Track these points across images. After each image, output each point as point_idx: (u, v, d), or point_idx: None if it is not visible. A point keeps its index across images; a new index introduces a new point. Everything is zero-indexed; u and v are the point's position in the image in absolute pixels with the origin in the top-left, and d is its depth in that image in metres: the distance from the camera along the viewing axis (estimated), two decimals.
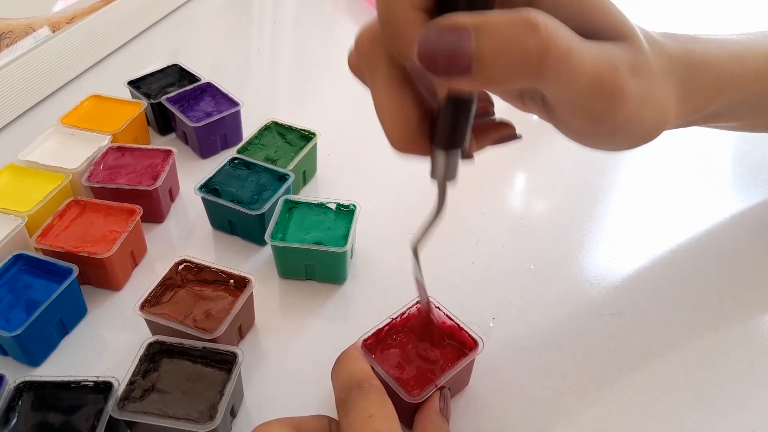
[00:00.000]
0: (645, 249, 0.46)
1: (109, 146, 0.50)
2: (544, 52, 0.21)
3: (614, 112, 0.25)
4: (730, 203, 0.50)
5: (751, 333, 0.40)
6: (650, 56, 0.26)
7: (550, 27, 0.21)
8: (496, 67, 0.21)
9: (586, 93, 0.24)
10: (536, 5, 0.24)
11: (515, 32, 0.21)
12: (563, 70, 0.22)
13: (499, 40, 0.21)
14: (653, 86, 0.27)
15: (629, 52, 0.25)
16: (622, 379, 0.37)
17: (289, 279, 0.44)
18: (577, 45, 0.23)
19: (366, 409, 0.28)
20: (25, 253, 0.41)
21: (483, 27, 0.20)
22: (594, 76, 0.23)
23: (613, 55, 0.24)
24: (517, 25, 0.21)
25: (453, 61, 0.21)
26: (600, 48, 0.24)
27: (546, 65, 0.21)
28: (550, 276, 0.44)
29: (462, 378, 0.36)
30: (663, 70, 0.27)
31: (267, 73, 0.70)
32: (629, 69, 0.25)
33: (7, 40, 0.57)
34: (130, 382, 0.34)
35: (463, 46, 0.20)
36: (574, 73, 0.23)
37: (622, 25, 0.26)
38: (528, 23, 0.21)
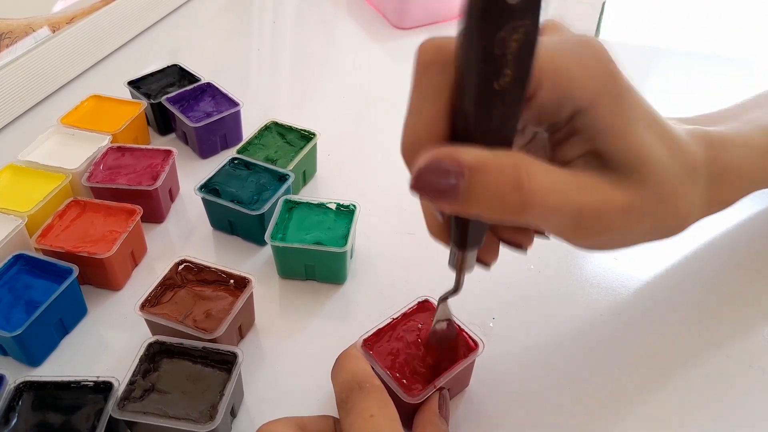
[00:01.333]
0: (645, 249, 0.46)
1: (109, 146, 0.50)
2: (522, 208, 0.23)
3: (596, 241, 0.27)
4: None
5: (751, 333, 0.40)
6: (667, 178, 0.27)
7: (534, 186, 0.23)
8: (480, 206, 0.23)
9: (567, 230, 0.26)
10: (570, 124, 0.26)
11: (501, 188, 0.23)
12: (540, 219, 0.24)
13: (486, 189, 0.22)
14: (665, 210, 0.28)
15: (633, 192, 0.26)
16: (621, 379, 0.37)
17: (289, 279, 0.44)
18: (560, 196, 0.24)
19: (367, 408, 0.28)
20: (25, 253, 0.41)
21: (475, 170, 0.22)
22: (574, 217, 0.25)
23: (604, 198, 0.26)
24: (505, 180, 0.23)
25: (440, 194, 0.23)
26: (593, 190, 0.26)
27: (525, 217, 0.24)
28: (550, 276, 0.44)
29: (462, 379, 0.36)
30: (684, 181, 0.28)
31: (267, 73, 0.70)
32: (622, 210, 0.26)
33: (7, 40, 0.57)
34: (130, 382, 0.34)
35: (452, 185, 0.22)
36: (552, 221, 0.25)
37: (638, 157, 0.26)
38: (515, 179, 0.23)
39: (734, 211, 0.49)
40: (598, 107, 0.26)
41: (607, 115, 0.26)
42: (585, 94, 0.25)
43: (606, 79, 0.26)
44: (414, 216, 0.49)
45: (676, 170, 0.28)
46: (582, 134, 0.26)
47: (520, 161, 0.23)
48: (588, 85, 0.25)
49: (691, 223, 0.30)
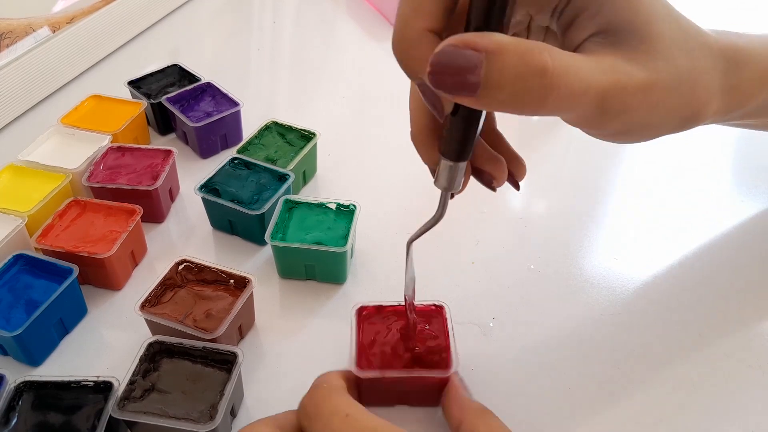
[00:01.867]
0: (645, 249, 0.46)
1: (109, 146, 0.50)
2: (546, 93, 0.22)
3: (620, 124, 0.25)
4: (731, 203, 0.50)
5: (751, 333, 0.40)
6: (677, 57, 0.26)
7: (558, 69, 0.22)
8: (501, 96, 0.22)
9: (592, 114, 0.24)
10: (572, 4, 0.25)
11: (523, 69, 0.21)
12: (564, 105, 0.23)
13: (507, 73, 0.21)
14: (680, 88, 0.26)
15: (644, 62, 0.25)
16: (621, 379, 0.37)
17: (289, 279, 0.44)
18: (582, 78, 0.23)
19: (339, 409, 0.27)
20: (25, 253, 0.41)
21: (495, 53, 0.21)
22: (597, 102, 0.24)
23: (620, 75, 0.24)
24: (526, 62, 0.21)
25: (461, 83, 0.21)
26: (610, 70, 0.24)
27: (548, 104, 0.22)
28: (550, 276, 0.44)
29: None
30: (700, 60, 0.27)
31: (267, 73, 0.70)
32: (640, 86, 0.25)
33: (7, 40, 0.57)
34: (130, 382, 0.34)
35: (472, 70, 0.21)
36: (576, 105, 0.23)
37: (645, 26, 0.25)
38: (536, 65, 0.21)
39: (735, 211, 0.49)
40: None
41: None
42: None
43: None
44: (414, 216, 0.49)
45: (690, 48, 0.26)
46: (586, 11, 0.25)
47: (541, 44, 0.22)
48: None
49: (711, 111, 0.28)
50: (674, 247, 0.46)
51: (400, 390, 0.35)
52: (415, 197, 0.50)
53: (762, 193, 0.51)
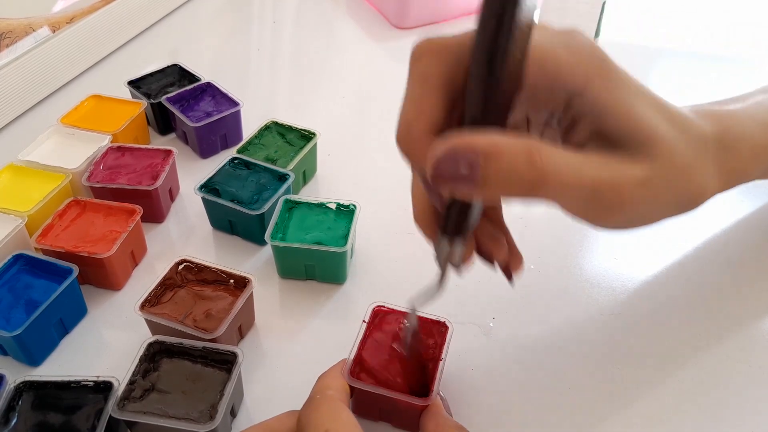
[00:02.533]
0: (645, 249, 0.46)
1: (109, 146, 0.50)
2: (537, 185, 0.24)
3: (614, 217, 0.27)
4: (730, 203, 0.50)
5: (751, 333, 0.40)
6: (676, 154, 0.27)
7: (546, 162, 0.24)
8: (498, 189, 0.24)
9: (585, 205, 0.26)
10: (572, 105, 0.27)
11: (516, 164, 0.23)
12: (557, 196, 0.25)
13: (503, 168, 0.23)
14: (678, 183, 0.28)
15: (642, 167, 0.26)
16: (621, 379, 0.37)
17: (289, 279, 0.44)
18: (574, 172, 0.25)
19: (320, 424, 0.28)
20: (25, 253, 0.41)
21: (492, 153, 0.23)
22: (591, 195, 0.25)
23: (616, 174, 0.26)
24: (519, 157, 0.23)
25: (461, 181, 0.23)
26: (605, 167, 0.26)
27: (539, 194, 0.24)
28: (550, 276, 0.44)
29: None
30: (696, 155, 0.28)
31: (267, 73, 0.70)
32: (637, 184, 0.26)
33: (7, 40, 0.57)
34: (130, 382, 0.34)
35: (470, 170, 0.23)
36: (568, 196, 0.25)
37: (646, 131, 0.27)
38: (528, 158, 0.23)
39: (734, 211, 0.49)
40: (592, 88, 0.26)
41: (603, 95, 0.26)
42: (576, 77, 0.26)
43: (595, 62, 0.26)
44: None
45: (684, 144, 0.28)
46: (585, 118, 0.27)
47: (532, 142, 0.24)
48: (578, 68, 0.26)
49: (709, 196, 0.30)
50: (674, 247, 0.46)
51: (382, 408, 0.35)
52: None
53: (762, 193, 0.51)
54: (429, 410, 0.32)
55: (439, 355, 0.34)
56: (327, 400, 0.30)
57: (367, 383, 0.33)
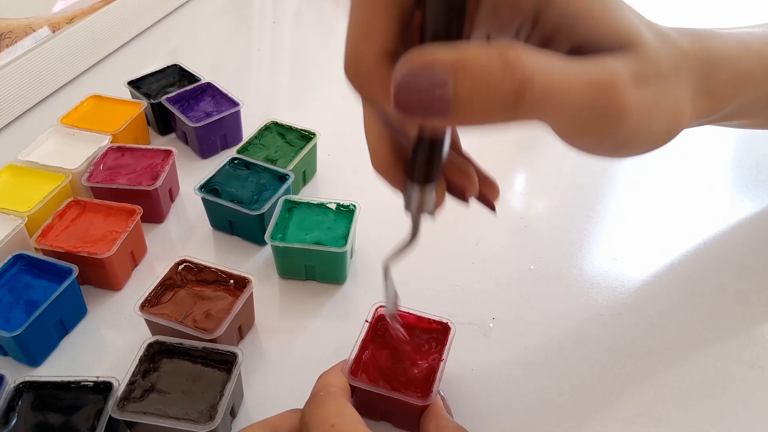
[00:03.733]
0: (645, 249, 0.46)
1: (109, 146, 0.50)
2: (520, 92, 0.20)
3: (616, 130, 0.23)
4: (730, 203, 0.50)
5: (751, 333, 0.40)
6: (661, 59, 0.24)
7: (527, 65, 0.19)
8: (474, 109, 0.20)
9: (581, 117, 0.22)
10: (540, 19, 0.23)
11: (492, 72, 0.19)
12: (546, 105, 0.21)
13: (477, 80, 0.19)
14: (663, 92, 0.24)
15: (633, 61, 0.23)
16: (621, 379, 0.37)
17: (289, 279, 0.44)
18: (562, 73, 0.21)
19: (326, 419, 0.28)
20: (25, 253, 0.41)
21: (460, 66, 0.19)
22: (587, 99, 0.22)
23: (610, 69, 0.22)
24: (493, 64, 0.19)
25: (430, 105, 0.19)
26: (595, 65, 0.22)
27: (524, 105, 0.20)
28: (550, 276, 0.44)
29: None
30: (677, 69, 0.25)
31: (267, 73, 0.70)
32: (632, 80, 0.23)
33: (7, 40, 0.57)
34: (130, 382, 0.34)
35: (440, 89, 0.19)
36: (559, 104, 0.21)
37: (627, 32, 0.23)
38: (503, 63, 0.19)
39: (734, 211, 0.49)
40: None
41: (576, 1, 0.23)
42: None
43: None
44: None
45: (666, 51, 0.25)
46: (558, 31, 0.23)
47: (505, 44, 0.20)
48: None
49: (687, 119, 0.27)
50: (674, 247, 0.46)
51: (383, 407, 0.35)
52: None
53: (762, 193, 0.51)
54: (429, 411, 0.32)
55: (440, 355, 0.34)
56: (331, 396, 0.30)
57: (367, 383, 0.33)
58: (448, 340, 0.35)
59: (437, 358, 0.34)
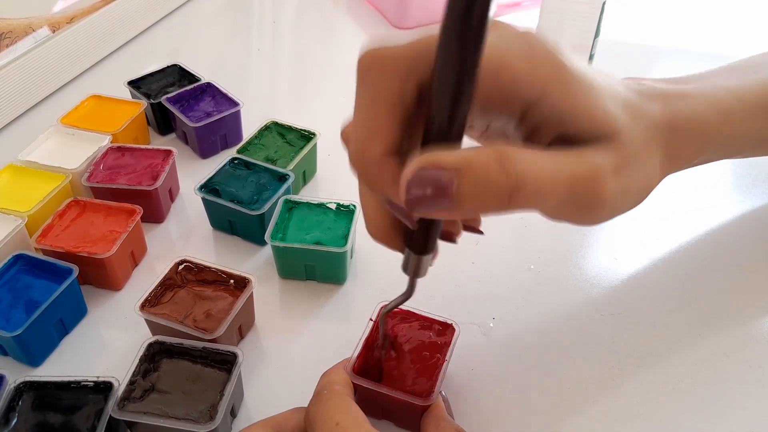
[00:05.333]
0: (645, 249, 0.46)
1: (109, 146, 0.50)
2: (514, 190, 0.23)
3: (594, 214, 0.26)
4: (730, 203, 0.50)
5: (751, 333, 0.40)
6: (635, 142, 0.27)
7: (519, 167, 0.23)
8: (475, 204, 0.23)
9: (564, 205, 0.25)
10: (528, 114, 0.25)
11: (489, 173, 0.22)
12: (535, 199, 0.23)
13: (477, 181, 0.22)
14: (637, 172, 0.27)
15: (612, 154, 0.26)
16: (621, 379, 0.37)
17: (289, 279, 0.44)
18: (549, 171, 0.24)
19: (331, 418, 0.28)
20: (25, 253, 0.41)
21: (463, 169, 0.22)
22: (569, 192, 0.24)
23: (591, 164, 0.25)
24: (491, 166, 0.22)
25: (437, 201, 0.22)
26: (578, 160, 0.25)
27: (517, 200, 0.23)
28: (550, 276, 0.44)
29: None
30: (648, 144, 0.28)
31: (267, 73, 0.70)
32: (611, 171, 0.25)
33: (7, 40, 0.57)
34: (130, 382, 0.34)
35: (444, 189, 0.22)
36: (547, 197, 0.24)
37: (606, 123, 0.26)
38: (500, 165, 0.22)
39: (734, 211, 0.49)
40: (550, 95, 0.25)
41: (563, 100, 0.25)
42: (533, 87, 0.25)
43: (552, 68, 0.25)
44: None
45: (638, 131, 0.27)
46: (545, 124, 0.26)
47: (501, 149, 0.23)
48: (535, 77, 0.25)
49: (655, 184, 0.29)
50: (674, 246, 0.46)
51: (384, 406, 0.35)
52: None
53: (761, 193, 0.51)
54: (430, 411, 0.32)
55: (444, 356, 0.34)
56: (335, 394, 0.30)
57: (370, 381, 0.33)
58: (451, 341, 0.35)
59: (440, 359, 0.34)
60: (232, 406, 0.35)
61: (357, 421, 0.28)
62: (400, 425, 0.35)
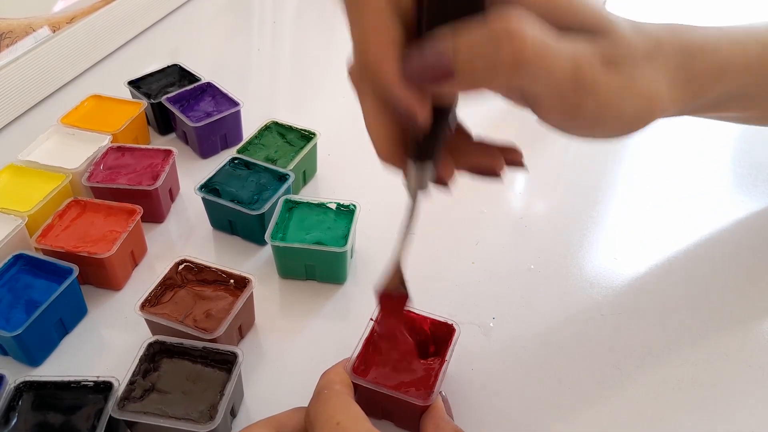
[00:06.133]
0: (645, 249, 0.46)
1: (109, 146, 0.50)
2: (517, 59, 0.22)
3: (586, 105, 0.26)
4: (730, 203, 0.50)
5: (751, 333, 0.40)
6: (632, 44, 0.26)
7: (527, 35, 0.22)
8: (476, 74, 0.23)
9: (562, 88, 0.25)
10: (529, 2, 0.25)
11: (491, 44, 0.22)
12: (539, 71, 0.23)
13: (475, 52, 0.22)
14: (634, 76, 0.26)
15: (603, 45, 0.25)
16: (621, 379, 0.37)
17: (289, 279, 0.44)
18: (552, 44, 0.23)
19: (332, 417, 0.28)
20: (25, 253, 0.41)
21: (459, 46, 0.22)
22: (570, 72, 0.24)
23: (580, 50, 0.25)
24: (493, 37, 0.22)
25: (436, 76, 0.23)
26: (570, 44, 0.24)
27: (521, 70, 0.23)
28: (550, 276, 0.44)
29: None
30: (651, 56, 0.27)
31: (267, 73, 0.70)
32: (601, 62, 0.25)
33: (7, 40, 0.57)
34: (130, 382, 0.34)
35: (443, 64, 0.22)
36: (549, 72, 0.24)
37: (598, 18, 0.26)
38: (505, 34, 0.22)
39: (734, 211, 0.49)
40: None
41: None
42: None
43: None
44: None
45: (639, 38, 0.27)
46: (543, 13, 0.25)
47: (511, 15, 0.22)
48: None
49: (665, 104, 0.28)
50: (674, 247, 0.46)
51: (384, 406, 0.35)
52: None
53: (761, 193, 0.51)
54: (429, 412, 0.32)
55: (444, 356, 0.34)
56: (335, 394, 0.30)
57: (369, 381, 0.33)
58: (451, 342, 0.35)
59: (440, 359, 0.34)
60: (232, 406, 0.35)
61: (358, 420, 0.28)
62: (399, 425, 0.35)
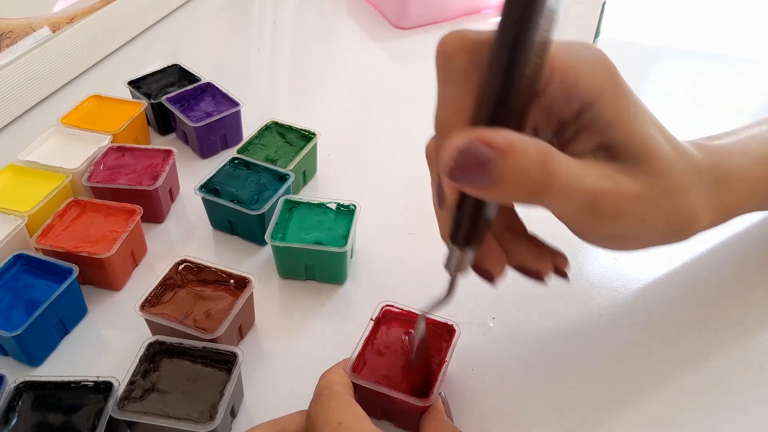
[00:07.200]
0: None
1: (109, 146, 0.50)
2: (546, 185, 0.24)
3: (600, 228, 0.28)
4: None
5: (751, 333, 0.40)
6: (673, 171, 0.28)
7: (555, 166, 0.24)
8: (508, 188, 0.24)
9: (580, 216, 0.27)
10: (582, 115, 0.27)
11: (530, 163, 0.24)
12: (558, 199, 0.25)
13: (518, 166, 0.23)
14: (668, 204, 0.28)
15: (638, 176, 0.27)
16: (621, 379, 0.37)
17: (289, 279, 0.44)
18: (578, 177, 0.26)
19: (333, 418, 0.28)
20: (25, 253, 0.41)
21: (508, 152, 0.23)
22: (589, 201, 0.26)
23: (614, 183, 0.27)
24: (533, 157, 0.24)
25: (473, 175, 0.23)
26: (603, 175, 0.27)
27: (546, 195, 0.25)
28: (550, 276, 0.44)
29: None
30: (691, 183, 0.29)
31: (267, 73, 0.70)
32: (632, 196, 0.27)
33: (7, 40, 0.57)
34: (130, 382, 0.34)
35: (485, 165, 0.23)
36: (567, 201, 0.26)
37: (645, 146, 0.28)
38: (541, 157, 0.24)
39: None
40: (602, 101, 0.27)
41: (611, 108, 0.27)
42: (591, 88, 0.27)
43: (608, 75, 0.27)
44: (414, 216, 0.49)
45: (681, 167, 0.29)
46: (590, 129, 0.28)
47: (545, 145, 0.24)
48: (593, 80, 0.27)
49: (702, 227, 0.31)
50: (674, 247, 0.46)
51: (384, 407, 0.34)
52: (415, 197, 0.50)
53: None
54: (429, 413, 0.32)
55: (444, 357, 0.34)
56: (336, 395, 0.30)
57: (369, 381, 0.33)
58: (452, 342, 0.35)
59: (440, 360, 0.34)
60: (232, 406, 0.35)
61: (359, 420, 0.29)
62: (399, 426, 0.35)
